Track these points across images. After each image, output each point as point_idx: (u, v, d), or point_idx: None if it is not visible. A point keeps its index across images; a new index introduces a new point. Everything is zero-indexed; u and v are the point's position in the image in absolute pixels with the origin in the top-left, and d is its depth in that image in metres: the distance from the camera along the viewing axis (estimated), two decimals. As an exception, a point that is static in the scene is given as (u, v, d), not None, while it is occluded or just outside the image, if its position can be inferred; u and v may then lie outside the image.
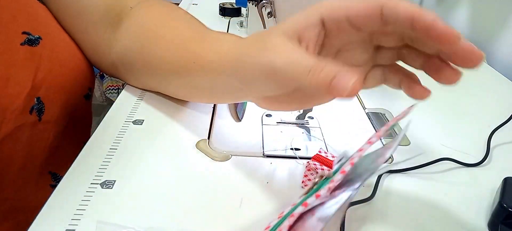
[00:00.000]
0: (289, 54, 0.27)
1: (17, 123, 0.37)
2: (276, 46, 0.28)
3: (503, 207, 0.31)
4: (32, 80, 0.38)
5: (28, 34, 0.39)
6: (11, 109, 0.36)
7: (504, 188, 0.34)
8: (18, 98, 0.37)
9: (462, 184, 0.38)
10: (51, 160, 0.44)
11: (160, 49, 0.41)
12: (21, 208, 0.42)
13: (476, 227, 0.33)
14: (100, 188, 0.33)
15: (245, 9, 0.85)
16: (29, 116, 0.38)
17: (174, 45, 0.40)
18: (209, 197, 0.33)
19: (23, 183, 0.41)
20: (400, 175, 0.38)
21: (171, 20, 0.44)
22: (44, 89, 0.39)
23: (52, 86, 0.40)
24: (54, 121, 0.42)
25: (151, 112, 0.45)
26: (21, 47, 0.38)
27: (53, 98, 0.41)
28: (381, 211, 0.34)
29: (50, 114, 0.41)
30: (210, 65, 0.36)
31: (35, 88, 0.38)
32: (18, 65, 0.37)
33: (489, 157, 0.42)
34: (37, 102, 0.39)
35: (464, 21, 0.85)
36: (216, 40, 0.37)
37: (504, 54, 0.71)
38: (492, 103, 0.55)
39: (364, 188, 0.36)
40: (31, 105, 0.38)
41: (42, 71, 0.39)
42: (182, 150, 0.39)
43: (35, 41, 0.39)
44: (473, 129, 0.48)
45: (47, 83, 0.40)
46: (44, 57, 0.40)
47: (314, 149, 0.41)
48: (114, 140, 0.40)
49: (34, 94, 0.39)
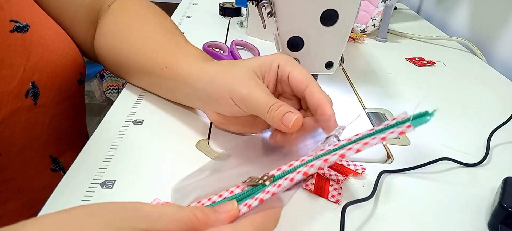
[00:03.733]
0: (255, 89, 0.35)
1: (13, 106, 0.38)
2: (244, 78, 0.36)
3: (503, 207, 0.31)
4: (24, 65, 0.39)
5: (16, 22, 0.40)
6: (7, 92, 0.37)
7: (504, 188, 0.33)
8: (12, 81, 0.38)
9: (462, 184, 0.38)
10: (50, 143, 0.45)
11: (132, 53, 0.45)
12: (25, 189, 0.43)
13: (476, 227, 0.33)
14: (100, 188, 0.33)
15: (245, 9, 0.85)
16: (25, 99, 0.39)
17: (146, 50, 0.44)
18: (209, 197, 0.33)
19: (24, 165, 0.42)
20: (400, 175, 0.38)
21: (145, 24, 0.47)
22: (38, 74, 0.41)
23: (45, 71, 0.41)
24: (50, 105, 0.43)
25: (151, 112, 0.45)
26: (11, 34, 0.39)
27: (47, 83, 0.42)
28: (380, 211, 0.34)
29: (45, 99, 0.42)
30: (181, 76, 0.40)
31: (28, 72, 0.39)
32: (10, 50, 0.38)
33: (489, 157, 0.42)
34: (32, 86, 0.40)
35: (464, 21, 0.85)
36: (189, 54, 0.42)
37: (504, 54, 0.71)
38: (492, 103, 0.55)
39: (363, 187, 0.36)
40: (26, 89, 0.39)
41: (33, 56, 0.40)
42: (182, 150, 0.39)
43: (24, 28, 0.40)
44: (473, 129, 0.48)
45: (40, 68, 0.41)
46: (34, 43, 0.41)
47: (314, 148, 0.41)
48: (114, 140, 0.40)
49: (28, 78, 0.40)
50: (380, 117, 0.49)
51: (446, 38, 0.80)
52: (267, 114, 0.34)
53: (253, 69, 0.37)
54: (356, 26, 0.80)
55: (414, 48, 0.75)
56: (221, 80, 0.37)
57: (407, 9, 1.06)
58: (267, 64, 0.37)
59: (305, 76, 0.36)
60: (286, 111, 0.33)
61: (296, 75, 0.36)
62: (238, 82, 0.36)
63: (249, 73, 0.36)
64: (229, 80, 0.36)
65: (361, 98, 0.53)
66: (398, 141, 0.44)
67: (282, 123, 0.33)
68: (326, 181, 0.36)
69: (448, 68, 0.66)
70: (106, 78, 1.05)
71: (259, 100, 0.34)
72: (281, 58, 0.37)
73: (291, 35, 0.38)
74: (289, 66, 0.37)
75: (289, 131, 0.33)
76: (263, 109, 0.34)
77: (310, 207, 0.34)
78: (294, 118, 0.32)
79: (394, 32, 0.83)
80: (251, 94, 0.35)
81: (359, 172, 0.37)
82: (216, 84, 0.37)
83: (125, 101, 0.47)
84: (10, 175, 0.41)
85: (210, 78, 0.38)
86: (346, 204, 0.32)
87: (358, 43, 0.77)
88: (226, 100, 0.36)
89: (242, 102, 0.35)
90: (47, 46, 0.43)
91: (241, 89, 0.35)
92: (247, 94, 0.35)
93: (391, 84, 0.58)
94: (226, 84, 0.36)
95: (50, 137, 0.45)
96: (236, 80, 0.36)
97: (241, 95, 0.35)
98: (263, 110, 0.34)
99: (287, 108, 0.33)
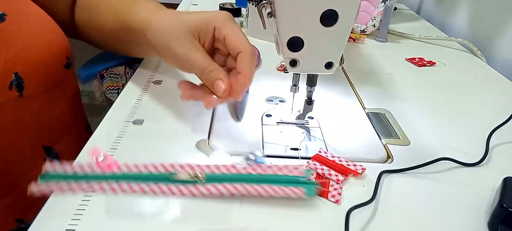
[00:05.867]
0: (190, 51, 0.39)
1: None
2: (181, 38, 0.39)
3: (503, 207, 0.31)
4: (4, 56, 0.38)
5: None
6: None
7: (504, 188, 0.34)
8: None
9: (462, 183, 0.38)
10: (41, 133, 0.44)
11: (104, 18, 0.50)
12: (16, 184, 0.42)
13: (476, 227, 0.33)
14: (100, 188, 0.33)
15: (245, 9, 0.85)
16: (9, 91, 0.38)
17: (114, 12, 0.49)
18: (209, 195, 0.33)
19: (15, 158, 0.41)
20: (399, 175, 0.38)
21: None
22: (20, 64, 0.39)
23: (28, 61, 0.40)
24: (36, 95, 0.42)
25: (151, 112, 0.45)
26: None
27: (31, 72, 0.41)
28: (380, 211, 0.34)
29: (31, 89, 0.41)
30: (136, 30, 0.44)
31: (9, 64, 0.38)
32: None
33: (488, 157, 0.42)
34: (15, 77, 0.39)
35: (464, 21, 0.85)
36: (140, 6, 0.46)
37: (504, 54, 0.71)
38: (491, 103, 0.55)
39: (364, 187, 0.36)
40: (9, 81, 0.38)
41: (13, 46, 0.39)
42: (182, 150, 0.39)
43: (0, 18, 0.39)
44: (472, 129, 0.48)
45: (22, 58, 0.40)
46: (12, 33, 0.40)
47: (314, 149, 0.41)
48: (114, 140, 0.40)
49: (10, 70, 0.39)
50: (380, 117, 0.49)
51: (446, 38, 0.80)
52: (201, 75, 0.38)
53: (189, 29, 0.39)
54: (356, 26, 0.80)
55: (414, 49, 0.75)
56: (161, 35, 0.40)
57: (407, 10, 1.06)
58: (203, 25, 0.39)
59: (239, 41, 0.38)
60: (217, 78, 0.37)
61: (231, 40, 0.38)
62: (174, 42, 0.39)
63: (185, 33, 0.39)
64: (166, 39, 0.40)
65: (361, 99, 0.53)
66: (398, 140, 0.44)
67: (213, 88, 0.37)
68: (326, 181, 0.36)
69: (448, 69, 0.66)
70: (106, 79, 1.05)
71: (194, 61, 0.38)
72: (218, 20, 0.39)
73: (291, 35, 0.38)
74: (225, 30, 0.38)
75: (219, 96, 0.37)
76: (198, 71, 0.38)
77: (310, 207, 0.34)
78: (223, 87, 0.37)
79: (394, 32, 0.83)
80: (187, 56, 0.38)
81: (359, 172, 0.37)
82: (158, 39, 0.41)
83: (125, 101, 0.47)
84: (2, 170, 0.40)
85: (153, 31, 0.41)
86: (350, 209, 0.32)
87: (358, 43, 0.77)
88: (168, 54, 0.40)
89: (177, 61, 0.40)
90: (27, 34, 0.41)
91: (178, 49, 0.39)
92: (183, 54, 0.39)
93: (391, 85, 0.59)
94: (165, 42, 0.40)
95: (41, 127, 0.44)
96: (173, 40, 0.39)
97: (177, 55, 0.39)
98: (198, 71, 0.39)
99: (219, 74, 0.37)
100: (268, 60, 0.64)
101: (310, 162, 0.38)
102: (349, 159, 0.39)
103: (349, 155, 0.40)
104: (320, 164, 0.38)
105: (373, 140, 0.44)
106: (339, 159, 0.38)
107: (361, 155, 0.41)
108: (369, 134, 0.45)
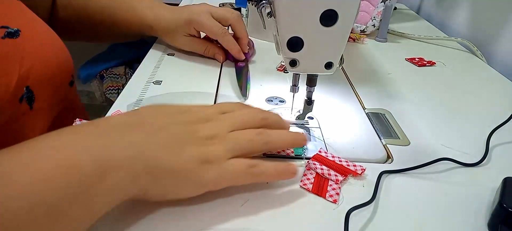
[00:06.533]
0: (191, 42, 0.61)
1: (10, 112, 0.38)
2: (181, 35, 0.60)
3: (503, 207, 0.31)
4: (18, 71, 0.39)
5: (7, 28, 0.39)
6: (4, 100, 0.37)
7: (504, 188, 0.34)
8: (8, 88, 0.38)
9: (461, 184, 0.38)
10: None
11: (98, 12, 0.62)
12: None
13: (476, 227, 0.33)
14: (100, 188, 0.33)
15: (245, 9, 0.85)
16: (20, 105, 0.39)
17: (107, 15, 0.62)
18: (209, 196, 0.33)
19: None
20: (399, 175, 0.38)
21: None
22: (31, 78, 0.40)
23: (38, 76, 0.41)
24: (45, 109, 0.43)
25: (151, 112, 0.45)
26: (3, 41, 0.39)
27: (41, 87, 0.42)
28: (380, 211, 0.34)
29: (40, 103, 0.42)
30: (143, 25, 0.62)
31: (22, 78, 0.39)
32: (3, 57, 0.38)
33: (488, 157, 0.42)
34: (26, 91, 0.39)
35: (464, 21, 0.85)
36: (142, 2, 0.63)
37: (504, 54, 0.71)
38: (491, 103, 0.55)
39: (363, 188, 0.36)
40: (21, 94, 0.39)
41: (27, 61, 0.40)
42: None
43: (15, 34, 0.40)
44: (472, 129, 0.48)
45: (33, 73, 0.40)
46: (26, 48, 0.40)
47: (314, 149, 0.41)
48: (114, 140, 0.39)
49: (22, 84, 0.39)
50: (380, 117, 0.49)
51: (446, 38, 0.80)
52: (204, 52, 0.62)
53: (186, 25, 0.59)
54: (356, 26, 0.80)
55: (414, 48, 0.75)
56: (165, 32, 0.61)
57: (407, 9, 1.06)
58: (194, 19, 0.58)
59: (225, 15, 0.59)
60: (215, 53, 0.61)
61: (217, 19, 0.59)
62: (176, 39, 0.62)
63: (182, 33, 0.60)
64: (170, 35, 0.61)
65: (361, 99, 0.53)
66: (398, 141, 0.44)
67: (214, 57, 0.62)
68: (325, 181, 0.36)
69: (448, 68, 0.66)
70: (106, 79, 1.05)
71: (197, 46, 0.61)
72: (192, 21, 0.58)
73: (291, 35, 0.38)
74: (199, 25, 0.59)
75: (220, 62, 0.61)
76: (201, 51, 0.61)
77: (310, 208, 0.34)
78: (221, 56, 0.61)
79: (394, 32, 0.83)
80: (187, 46, 0.62)
81: (359, 173, 0.37)
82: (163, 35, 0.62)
83: (125, 102, 0.47)
84: None
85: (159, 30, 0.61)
86: (349, 209, 0.32)
87: (358, 43, 0.77)
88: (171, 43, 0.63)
89: (183, 47, 0.62)
90: (39, 50, 0.42)
91: (180, 43, 0.62)
92: (186, 45, 0.62)
93: (391, 85, 0.58)
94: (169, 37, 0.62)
95: None
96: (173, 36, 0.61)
97: (181, 45, 0.62)
98: (201, 51, 0.62)
99: (215, 50, 0.61)
100: (268, 60, 0.64)
101: (310, 161, 0.38)
102: (349, 159, 0.39)
103: (349, 155, 0.40)
104: (320, 164, 0.38)
105: (373, 140, 0.44)
106: (339, 159, 0.38)
107: (361, 155, 0.41)
108: (369, 134, 0.45)
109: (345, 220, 0.31)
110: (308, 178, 0.36)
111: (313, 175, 0.37)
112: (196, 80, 0.55)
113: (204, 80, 0.55)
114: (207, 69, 0.59)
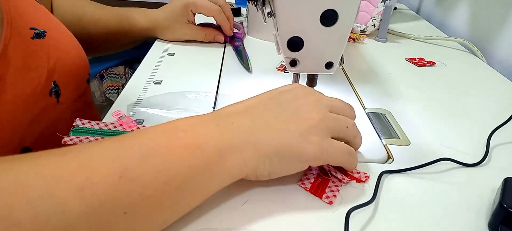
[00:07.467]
0: (191, 29, 0.68)
1: (41, 104, 0.42)
2: (180, 24, 0.67)
3: (503, 207, 0.31)
4: (46, 67, 0.43)
5: (35, 29, 0.43)
6: (37, 92, 0.41)
7: (504, 188, 0.33)
8: (39, 82, 0.42)
9: (462, 184, 0.38)
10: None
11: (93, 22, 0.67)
12: None
13: (476, 227, 0.33)
14: (100, 188, 0.33)
15: (245, 9, 0.85)
16: (49, 98, 0.43)
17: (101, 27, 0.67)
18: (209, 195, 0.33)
19: None
20: (400, 175, 0.38)
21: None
22: (57, 74, 0.44)
23: (63, 72, 0.45)
24: (69, 102, 0.46)
25: (151, 112, 0.45)
26: (32, 41, 0.42)
27: (65, 82, 0.46)
28: (380, 211, 0.33)
29: (65, 97, 0.46)
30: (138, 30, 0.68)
31: (50, 73, 0.43)
32: (33, 55, 0.42)
33: (488, 157, 0.42)
34: (54, 85, 0.44)
35: (464, 21, 0.85)
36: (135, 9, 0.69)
37: (504, 54, 0.71)
38: (491, 103, 0.55)
39: (364, 188, 0.36)
40: (49, 88, 0.43)
41: (52, 59, 0.44)
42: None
43: (42, 35, 0.44)
44: (472, 129, 0.48)
45: (58, 69, 0.44)
46: (51, 47, 0.44)
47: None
48: (114, 140, 0.39)
49: (50, 79, 0.43)
50: (380, 117, 0.49)
51: (446, 38, 0.80)
52: (204, 38, 0.68)
53: (182, 16, 0.66)
54: (356, 26, 0.80)
55: (414, 49, 0.75)
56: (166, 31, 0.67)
57: (407, 9, 1.06)
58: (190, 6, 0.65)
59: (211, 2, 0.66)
60: (214, 35, 0.69)
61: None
62: (177, 29, 0.67)
63: (180, 22, 0.66)
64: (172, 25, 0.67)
65: (361, 99, 0.53)
66: (398, 141, 0.44)
67: (215, 40, 0.69)
68: (325, 181, 0.36)
69: (448, 69, 0.66)
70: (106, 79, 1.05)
71: (197, 34, 0.68)
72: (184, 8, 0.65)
73: (291, 35, 0.38)
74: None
75: (221, 42, 0.69)
76: (201, 38, 0.68)
77: (309, 208, 0.33)
78: (221, 37, 0.69)
79: (394, 32, 0.83)
80: (190, 34, 0.68)
81: (363, 180, 0.36)
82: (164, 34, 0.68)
83: (125, 102, 0.47)
84: None
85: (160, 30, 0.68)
86: (350, 209, 0.32)
87: (358, 43, 0.77)
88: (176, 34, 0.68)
89: (183, 37, 0.68)
90: (61, 49, 0.46)
91: (183, 30, 0.67)
92: (189, 34, 0.68)
93: (391, 85, 0.58)
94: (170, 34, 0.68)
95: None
96: (175, 25, 0.67)
97: (183, 35, 0.68)
98: (201, 38, 0.68)
99: (213, 33, 0.69)
100: (268, 60, 0.64)
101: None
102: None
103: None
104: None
105: (373, 140, 0.44)
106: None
107: (361, 155, 0.41)
108: (369, 134, 0.45)
109: (345, 220, 0.31)
110: (307, 178, 0.36)
111: (313, 175, 0.37)
112: (196, 80, 0.55)
113: (204, 80, 0.55)
114: (207, 69, 0.59)
